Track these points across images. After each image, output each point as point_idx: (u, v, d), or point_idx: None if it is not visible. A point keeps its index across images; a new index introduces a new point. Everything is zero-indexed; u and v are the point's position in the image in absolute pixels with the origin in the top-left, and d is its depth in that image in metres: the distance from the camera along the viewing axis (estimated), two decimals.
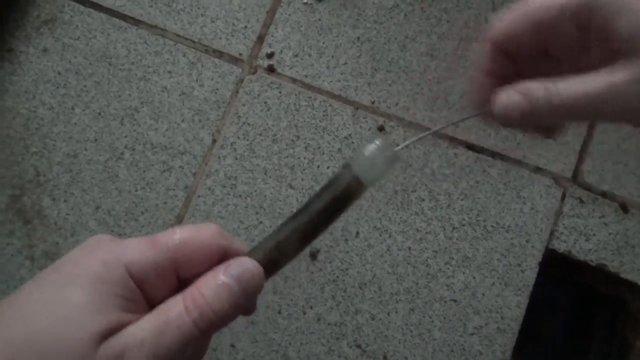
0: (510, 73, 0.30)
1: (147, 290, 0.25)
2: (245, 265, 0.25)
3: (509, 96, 0.27)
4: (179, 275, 0.26)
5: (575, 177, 0.78)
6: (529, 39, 0.27)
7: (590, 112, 0.25)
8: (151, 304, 0.25)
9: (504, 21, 0.28)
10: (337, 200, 0.28)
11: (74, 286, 0.23)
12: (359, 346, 0.73)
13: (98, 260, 0.24)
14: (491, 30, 0.28)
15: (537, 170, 0.78)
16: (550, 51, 0.28)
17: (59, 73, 0.79)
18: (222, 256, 0.26)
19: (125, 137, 0.78)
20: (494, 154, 0.78)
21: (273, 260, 0.27)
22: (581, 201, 0.77)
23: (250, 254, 0.27)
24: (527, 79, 0.27)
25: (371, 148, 0.28)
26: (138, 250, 0.25)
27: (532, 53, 0.28)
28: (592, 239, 0.76)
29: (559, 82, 0.26)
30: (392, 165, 0.29)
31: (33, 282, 0.24)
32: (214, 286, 0.24)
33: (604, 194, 0.78)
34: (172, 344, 0.23)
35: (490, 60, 0.29)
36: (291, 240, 0.28)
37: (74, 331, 0.22)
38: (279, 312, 0.74)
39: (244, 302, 0.25)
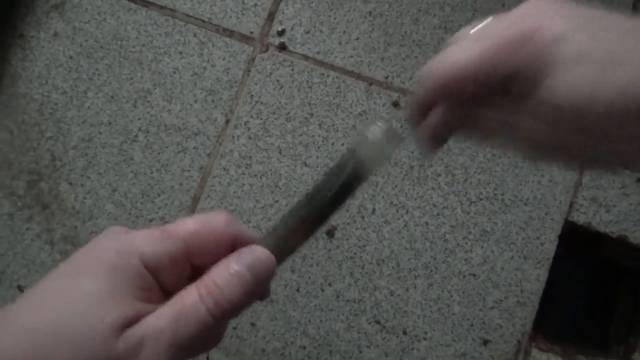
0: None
1: (161, 279, 0.25)
2: (256, 254, 0.26)
3: (434, 120, 0.31)
4: (192, 264, 0.26)
5: None
6: (459, 89, 0.29)
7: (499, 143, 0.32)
8: (166, 293, 0.25)
9: (436, 78, 0.29)
10: (344, 184, 0.28)
11: (91, 276, 0.24)
12: (378, 322, 0.73)
13: (113, 250, 0.24)
14: (424, 83, 0.30)
15: None
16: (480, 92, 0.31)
17: (71, 57, 0.79)
18: (233, 243, 0.27)
19: (139, 119, 0.77)
20: None
21: (284, 246, 0.28)
22: (600, 172, 0.76)
23: (260, 241, 0.27)
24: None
25: (374, 131, 0.29)
26: (151, 240, 0.25)
27: (461, 97, 0.30)
28: (613, 210, 0.75)
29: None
30: (395, 146, 0.29)
31: (50, 275, 0.25)
32: (226, 275, 0.25)
33: None
34: (189, 332, 0.23)
35: (423, 103, 0.32)
36: (301, 226, 0.28)
37: (93, 321, 0.22)
38: (298, 290, 0.74)
39: (256, 289, 0.25)
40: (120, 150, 0.77)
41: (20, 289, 0.76)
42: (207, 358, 0.73)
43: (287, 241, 0.28)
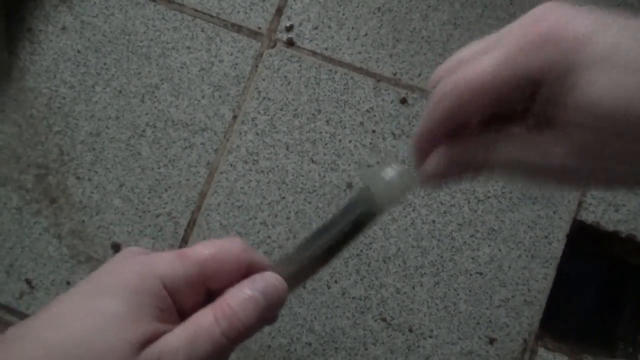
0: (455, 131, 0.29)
1: (178, 301, 0.26)
2: (270, 280, 0.27)
3: (437, 162, 0.28)
4: (207, 287, 0.27)
5: None
6: (477, 107, 0.27)
7: (520, 177, 0.27)
8: (182, 314, 0.26)
9: (450, 96, 0.27)
10: (356, 221, 0.30)
11: (112, 296, 0.24)
12: (384, 319, 0.73)
13: (133, 272, 0.25)
14: (437, 103, 0.28)
15: None
16: (498, 112, 0.28)
17: (79, 51, 0.79)
18: (247, 269, 0.28)
19: (147, 114, 0.77)
20: None
21: (295, 276, 0.29)
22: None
23: (274, 269, 0.29)
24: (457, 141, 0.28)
25: (390, 173, 0.30)
26: (170, 263, 0.26)
27: (478, 117, 0.28)
28: (622, 209, 0.75)
29: (493, 150, 0.27)
30: (408, 188, 0.30)
31: (69, 293, 0.25)
32: (241, 299, 0.26)
33: None
34: (204, 352, 0.24)
35: (435, 129, 0.29)
36: (313, 258, 0.29)
37: (114, 340, 0.23)
38: (304, 287, 0.74)
39: (268, 314, 0.26)
40: (127, 145, 0.77)
41: (29, 282, 0.76)
42: None
43: (299, 271, 0.29)
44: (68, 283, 0.76)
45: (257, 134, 0.77)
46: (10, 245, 0.76)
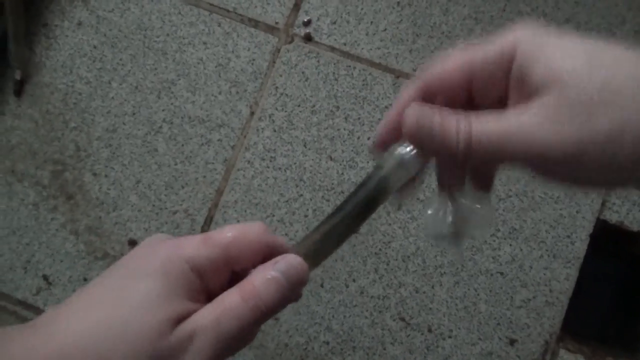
0: None
1: (204, 282, 0.28)
2: (291, 261, 0.29)
3: (420, 111, 0.28)
4: (231, 268, 0.29)
5: None
6: (461, 85, 0.28)
7: (498, 149, 0.26)
8: (208, 295, 0.28)
9: (441, 65, 0.29)
10: (369, 198, 0.31)
11: (144, 278, 0.26)
12: (402, 319, 0.73)
13: (162, 255, 0.27)
14: (426, 72, 0.29)
15: None
16: (475, 98, 0.29)
17: (95, 47, 0.78)
18: (268, 251, 0.29)
19: (163, 110, 0.77)
20: None
21: (314, 255, 0.31)
22: None
23: (293, 250, 0.30)
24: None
25: (402, 151, 0.30)
26: (195, 247, 0.28)
27: (456, 100, 0.29)
28: None
29: (471, 117, 0.27)
30: (421, 166, 0.31)
31: (101, 277, 0.27)
32: (264, 280, 0.27)
33: None
34: (231, 330, 0.26)
35: (412, 100, 0.30)
36: (329, 238, 0.31)
37: (149, 317, 0.24)
38: (322, 285, 0.73)
39: (290, 294, 0.28)
40: (144, 142, 0.77)
41: (46, 278, 0.76)
42: None
43: (317, 250, 0.31)
44: (85, 279, 0.76)
45: (275, 131, 0.76)
46: (28, 241, 0.76)
